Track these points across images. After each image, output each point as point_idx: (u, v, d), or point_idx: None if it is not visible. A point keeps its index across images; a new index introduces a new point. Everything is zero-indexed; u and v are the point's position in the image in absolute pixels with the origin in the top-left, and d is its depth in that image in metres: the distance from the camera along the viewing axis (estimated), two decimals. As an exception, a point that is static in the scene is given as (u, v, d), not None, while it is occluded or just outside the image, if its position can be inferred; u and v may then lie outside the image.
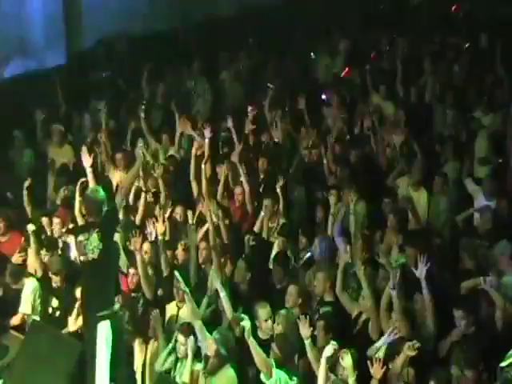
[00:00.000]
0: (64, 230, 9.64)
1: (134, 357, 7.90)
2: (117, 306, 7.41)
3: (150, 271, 8.76)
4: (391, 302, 7.19)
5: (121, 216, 8.09)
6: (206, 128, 10.51)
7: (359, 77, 12.67)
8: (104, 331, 7.14)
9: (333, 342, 6.79)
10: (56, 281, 8.80)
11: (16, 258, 9.27)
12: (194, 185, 10.27)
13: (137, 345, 7.91)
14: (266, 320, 7.52)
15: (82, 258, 7.24)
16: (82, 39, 14.07)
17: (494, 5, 14.09)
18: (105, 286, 7.25)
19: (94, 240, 7.13)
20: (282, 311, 7.58)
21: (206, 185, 10.01)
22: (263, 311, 7.55)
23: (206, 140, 10.46)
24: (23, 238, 9.50)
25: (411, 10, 15.52)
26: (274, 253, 8.91)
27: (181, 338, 7.40)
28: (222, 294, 7.68)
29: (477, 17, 14.22)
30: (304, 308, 7.76)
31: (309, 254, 8.79)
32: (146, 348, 7.88)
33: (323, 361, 6.72)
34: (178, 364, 7.58)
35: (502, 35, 12.30)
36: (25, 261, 9.24)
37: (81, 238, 7.23)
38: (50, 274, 8.86)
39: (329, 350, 6.70)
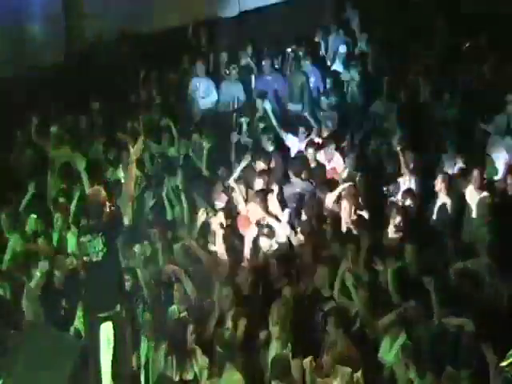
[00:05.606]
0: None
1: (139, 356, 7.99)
2: (119, 307, 7.38)
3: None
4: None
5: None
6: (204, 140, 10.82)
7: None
8: (106, 332, 7.13)
9: None
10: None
11: None
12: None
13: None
14: None
15: (84, 258, 7.21)
16: (81, 39, 14.07)
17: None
18: (108, 287, 7.23)
19: (98, 243, 7.09)
20: None
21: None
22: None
23: (205, 151, 10.74)
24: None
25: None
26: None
27: None
28: None
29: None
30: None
31: None
32: None
33: None
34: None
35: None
36: None
37: (83, 239, 7.20)
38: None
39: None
